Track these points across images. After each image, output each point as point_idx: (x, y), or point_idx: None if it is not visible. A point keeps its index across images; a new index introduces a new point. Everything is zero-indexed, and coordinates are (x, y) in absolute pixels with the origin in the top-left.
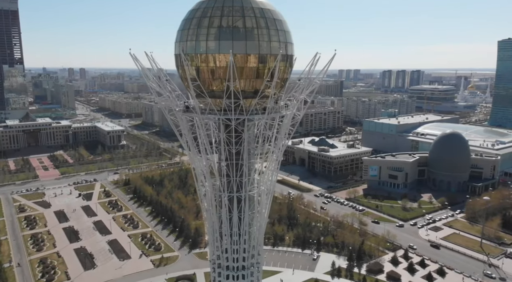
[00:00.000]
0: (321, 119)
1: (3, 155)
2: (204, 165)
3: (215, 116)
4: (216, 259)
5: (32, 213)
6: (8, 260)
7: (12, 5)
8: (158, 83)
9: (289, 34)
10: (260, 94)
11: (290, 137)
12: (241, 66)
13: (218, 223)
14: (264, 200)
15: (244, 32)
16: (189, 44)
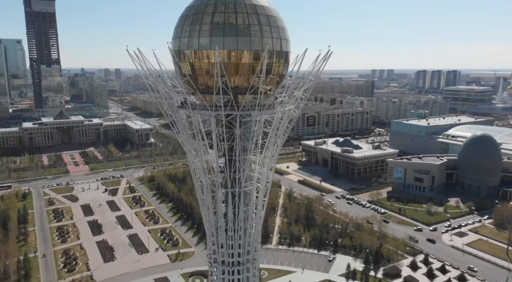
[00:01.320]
0: (348, 120)
1: (38, 150)
2: (200, 160)
3: (207, 112)
4: (212, 253)
5: (60, 206)
6: (34, 250)
7: (49, 8)
8: (157, 79)
9: (283, 30)
10: (250, 90)
11: (287, 134)
12: (235, 63)
13: (214, 218)
14: (260, 197)
15: (236, 28)
16: (183, 40)
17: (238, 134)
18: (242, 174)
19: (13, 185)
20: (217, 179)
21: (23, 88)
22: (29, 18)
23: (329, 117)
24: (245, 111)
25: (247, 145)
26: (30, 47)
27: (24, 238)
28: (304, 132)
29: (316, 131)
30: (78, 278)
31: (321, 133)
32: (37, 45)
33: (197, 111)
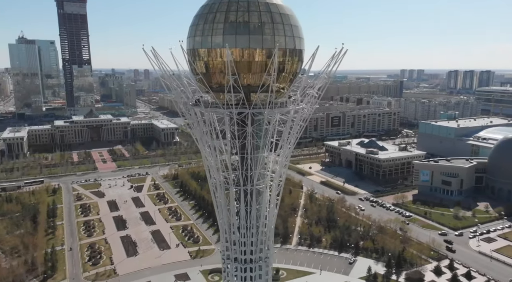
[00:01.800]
0: (374, 121)
1: (69, 147)
2: (213, 158)
3: (219, 110)
4: (225, 250)
5: (87, 201)
6: (61, 243)
7: (81, 9)
8: (172, 78)
9: (297, 28)
10: (261, 88)
11: (300, 133)
12: (248, 61)
13: (227, 215)
14: (273, 195)
15: (248, 27)
16: (197, 39)
17: (250, 132)
18: (254, 172)
19: (45, 180)
20: (230, 176)
21: (56, 88)
22: (62, 20)
23: (354, 117)
24: (257, 110)
25: (260, 143)
26: (63, 48)
27: (52, 231)
28: (328, 133)
29: (341, 132)
30: (102, 271)
31: (346, 134)
32: (69, 46)
33: (210, 109)
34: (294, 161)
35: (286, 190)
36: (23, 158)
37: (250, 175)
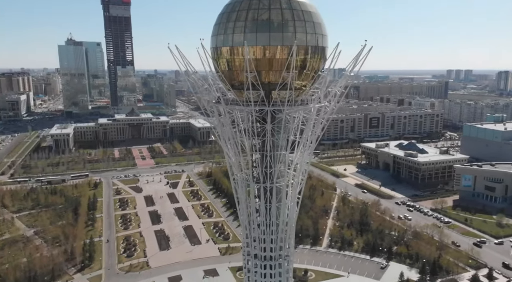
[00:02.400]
0: (416, 122)
1: (111, 144)
2: (234, 155)
3: (239, 107)
4: (245, 246)
5: (125, 196)
6: (99, 235)
7: (125, 12)
8: (195, 76)
9: (319, 25)
10: (280, 85)
11: (323, 131)
12: (269, 59)
13: (247, 212)
14: (294, 193)
15: (269, 24)
16: (219, 38)
17: (269, 130)
18: (274, 169)
19: (89, 175)
20: (250, 173)
21: (102, 88)
22: (107, 22)
23: (394, 119)
24: (276, 107)
25: (278, 141)
26: (108, 49)
27: (92, 223)
28: (366, 134)
29: (380, 133)
30: (135, 263)
31: (385, 136)
32: (114, 47)
33: (230, 107)
34: (329, 162)
35: (318, 191)
36: (68, 153)
37: (269, 172)
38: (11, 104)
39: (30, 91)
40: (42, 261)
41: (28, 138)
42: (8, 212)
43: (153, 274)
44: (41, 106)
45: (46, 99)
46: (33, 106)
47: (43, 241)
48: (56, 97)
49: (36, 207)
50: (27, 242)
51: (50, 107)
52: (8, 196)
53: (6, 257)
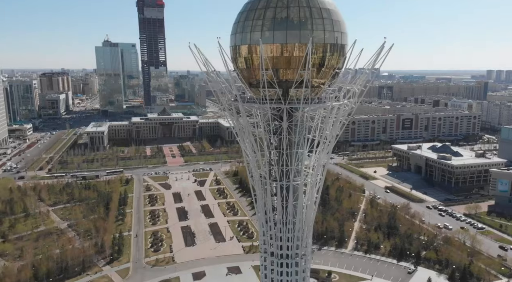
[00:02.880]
0: (451, 124)
1: (143, 142)
2: (252, 152)
3: (255, 105)
4: (263, 244)
5: (155, 192)
6: (128, 229)
7: (159, 14)
8: (213, 74)
9: (338, 23)
10: (299, 83)
11: (342, 129)
12: (287, 56)
13: (264, 209)
14: (311, 192)
15: (286, 22)
16: (238, 36)
17: (285, 128)
18: (290, 167)
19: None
20: (266, 171)
21: (136, 88)
22: (142, 24)
23: (429, 120)
24: (292, 105)
25: (299, 139)
26: (142, 50)
27: (121, 218)
28: (398, 136)
29: (413, 135)
30: (161, 258)
31: (419, 138)
32: (148, 48)
33: (246, 105)
34: (358, 164)
35: (346, 193)
36: (103, 150)
37: (286, 170)
38: (51, 103)
39: (69, 91)
40: (74, 253)
41: (66, 136)
42: (44, 205)
43: (178, 269)
44: (79, 105)
45: (84, 99)
46: (72, 105)
47: (75, 233)
48: (93, 96)
49: (71, 201)
50: (60, 234)
51: (87, 106)
52: (45, 190)
53: (41, 248)
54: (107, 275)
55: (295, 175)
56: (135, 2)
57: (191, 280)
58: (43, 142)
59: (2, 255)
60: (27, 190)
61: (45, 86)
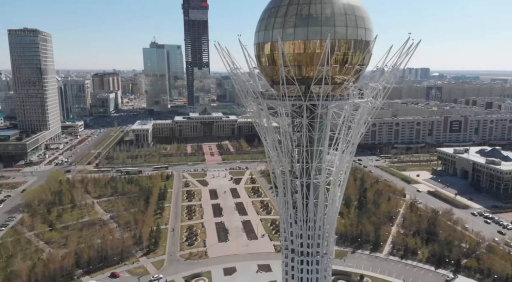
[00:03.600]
0: (504, 128)
1: (184, 140)
2: (273, 149)
3: (275, 102)
4: (284, 240)
5: (193, 188)
6: (165, 223)
7: (203, 16)
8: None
9: (362, 19)
10: (315, 80)
11: (366, 127)
12: (309, 53)
13: (285, 206)
14: (333, 190)
15: (308, 19)
16: (261, 34)
17: (305, 125)
18: (310, 165)
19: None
20: (286, 168)
21: (182, 88)
22: (187, 26)
23: (479, 123)
24: (312, 101)
25: (319, 136)
26: (186, 51)
27: (160, 212)
28: (445, 139)
29: (462, 138)
30: (195, 251)
31: (468, 141)
32: (192, 50)
33: (267, 101)
34: (400, 167)
35: (384, 196)
36: (146, 147)
37: (306, 168)
38: (101, 101)
39: (118, 90)
40: (114, 243)
41: (114, 133)
42: (90, 197)
43: (210, 264)
44: (127, 104)
45: (132, 98)
46: (121, 104)
47: (117, 225)
48: (141, 96)
49: (114, 194)
50: (103, 225)
51: (135, 105)
52: (91, 183)
53: (84, 237)
54: (143, 266)
55: (316, 172)
56: (181, 4)
57: (222, 275)
58: (92, 138)
59: (48, 242)
60: (75, 182)
61: (97, 86)
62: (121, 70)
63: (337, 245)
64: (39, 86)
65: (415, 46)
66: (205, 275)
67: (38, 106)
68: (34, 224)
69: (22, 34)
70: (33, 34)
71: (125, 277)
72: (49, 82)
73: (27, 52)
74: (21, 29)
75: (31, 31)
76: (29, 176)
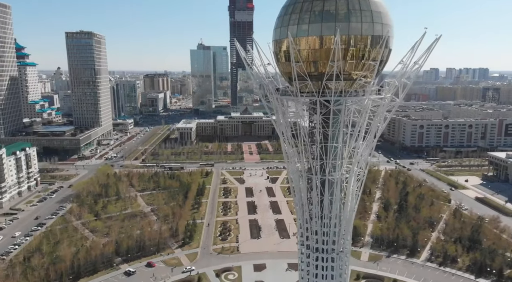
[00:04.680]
0: None
1: (225, 139)
2: (289, 145)
3: (288, 97)
4: (300, 236)
5: (230, 185)
6: (201, 218)
7: (248, 17)
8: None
9: (379, 14)
10: (326, 75)
11: (385, 124)
12: (325, 49)
13: (300, 202)
14: (352, 188)
15: (322, 15)
16: (277, 31)
17: (319, 121)
18: (325, 161)
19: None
20: (302, 164)
21: (227, 89)
22: (232, 27)
23: None
24: (325, 97)
25: (333, 132)
26: (231, 53)
27: (197, 207)
28: (500, 143)
29: None
30: (227, 246)
31: None
32: (237, 51)
33: (280, 97)
34: (448, 171)
35: (427, 201)
36: (190, 145)
37: (320, 164)
38: (150, 101)
39: (167, 91)
40: (152, 235)
41: (161, 131)
42: (134, 190)
43: (240, 259)
44: (175, 104)
45: (180, 98)
46: (169, 104)
47: (156, 217)
48: (188, 96)
49: (156, 189)
50: (143, 217)
51: (182, 105)
52: (136, 177)
53: (125, 228)
54: (177, 257)
55: (332, 169)
56: (227, 6)
57: (252, 271)
58: (141, 135)
59: (93, 231)
60: (121, 176)
61: (148, 86)
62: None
63: (371, 249)
64: (92, 86)
65: (435, 43)
66: (235, 270)
67: (92, 104)
68: (82, 213)
69: (78, 37)
70: (88, 37)
71: (160, 267)
72: (102, 82)
73: (82, 53)
74: (77, 32)
75: (86, 33)
76: (81, 169)
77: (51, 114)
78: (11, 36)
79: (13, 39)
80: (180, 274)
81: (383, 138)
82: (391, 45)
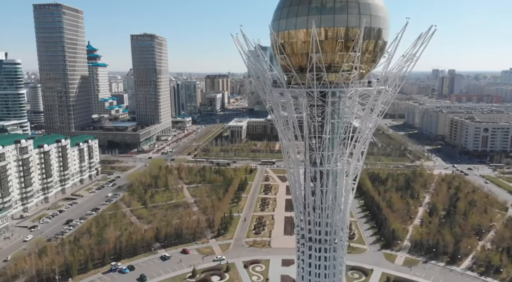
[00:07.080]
0: None
1: (274, 138)
2: (287, 137)
3: (280, 89)
4: (296, 226)
5: (271, 183)
6: (238, 212)
7: None
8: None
9: (376, 6)
10: (309, 67)
11: (381, 117)
12: (321, 40)
13: (295, 193)
14: (346, 180)
15: (320, 8)
16: (275, 23)
17: (316, 113)
18: (320, 152)
19: (248, 162)
20: (294, 155)
21: None
22: None
23: None
24: (322, 88)
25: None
26: None
27: (236, 201)
28: None
29: None
30: (259, 240)
31: None
32: None
33: (274, 89)
34: (510, 178)
35: (479, 208)
36: (239, 142)
37: (313, 155)
38: (209, 100)
39: (226, 91)
40: (190, 224)
41: (215, 129)
42: (182, 183)
43: (270, 253)
44: (233, 103)
45: (239, 98)
46: (227, 103)
47: (198, 209)
48: (246, 96)
49: (202, 182)
50: (186, 207)
51: (240, 105)
52: (185, 170)
53: (167, 217)
54: (211, 247)
55: (323, 160)
56: None
57: (279, 265)
58: (197, 132)
59: (139, 217)
60: (172, 169)
61: (209, 87)
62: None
63: (409, 253)
64: (154, 86)
65: (430, 35)
66: (264, 263)
67: (152, 102)
68: (131, 201)
69: (141, 39)
70: (150, 39)
71: (194, 254)
72: (163, 82)
73: (145, 54)
74: (141, 35)
75: (149, 36)
76: (138, 161)
77: (118, 111)
78: (83, 39)
79: (85, 42)
80: (211, 262)
81: (444, 141)
82: (386, 37)
